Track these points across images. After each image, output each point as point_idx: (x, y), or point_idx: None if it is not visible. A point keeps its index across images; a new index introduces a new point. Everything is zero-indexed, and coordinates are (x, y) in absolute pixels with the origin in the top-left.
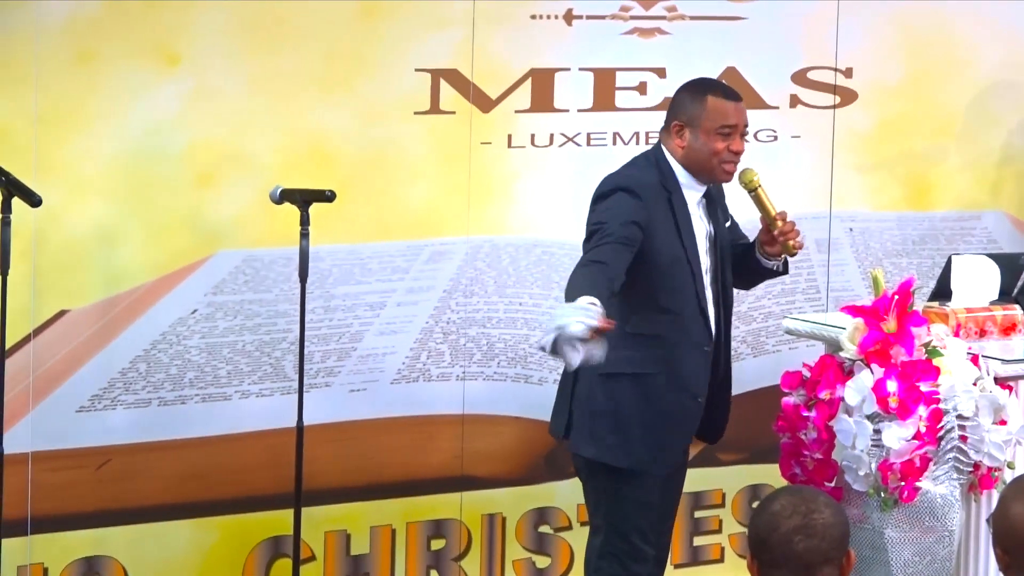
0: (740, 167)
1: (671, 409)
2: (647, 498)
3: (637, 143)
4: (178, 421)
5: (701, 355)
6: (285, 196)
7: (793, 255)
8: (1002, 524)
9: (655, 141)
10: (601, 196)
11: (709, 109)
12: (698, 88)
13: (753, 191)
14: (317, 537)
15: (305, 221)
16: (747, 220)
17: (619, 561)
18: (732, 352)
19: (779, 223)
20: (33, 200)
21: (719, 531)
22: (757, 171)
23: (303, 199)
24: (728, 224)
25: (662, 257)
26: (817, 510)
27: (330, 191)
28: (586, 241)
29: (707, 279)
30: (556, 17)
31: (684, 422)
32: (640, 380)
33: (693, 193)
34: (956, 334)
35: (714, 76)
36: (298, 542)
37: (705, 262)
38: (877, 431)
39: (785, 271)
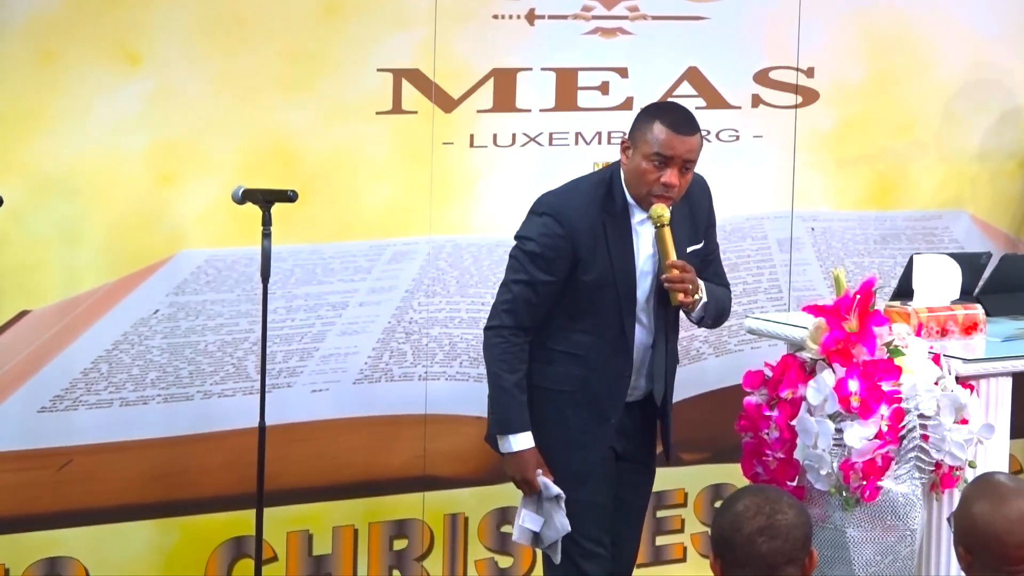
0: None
1: (582, 425)
2: (591, 499)
3: (599, 143)
4: (140, 421)
5: (617, 380)
6: (247, 196)
7: (677, 307)
8: (964, 523)
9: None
10: (534, 212)
11: (650, 133)
12: (652, 111)
13: (659, 227)
14: (279, 537)
15: (267, 221)
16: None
17: (572, 561)
18: (695, 352)
19: (673, 270)
20: None
21: (681, 531)
22: (668, 213)
23: (265, 199)
24: (693, 248)
25: (587, 281)
26: (781, 511)
27: (292, 191)
28: (512, 258)
29: (644, 304)
30: (518, 17)
31: (596, 440)
32: (555, 395)
33: (641, 215)
34: (918, 333)
35: (676, 76)
36: (260, 542)
37: (643, 286)
38: (839, 430)
39: (688, 317)
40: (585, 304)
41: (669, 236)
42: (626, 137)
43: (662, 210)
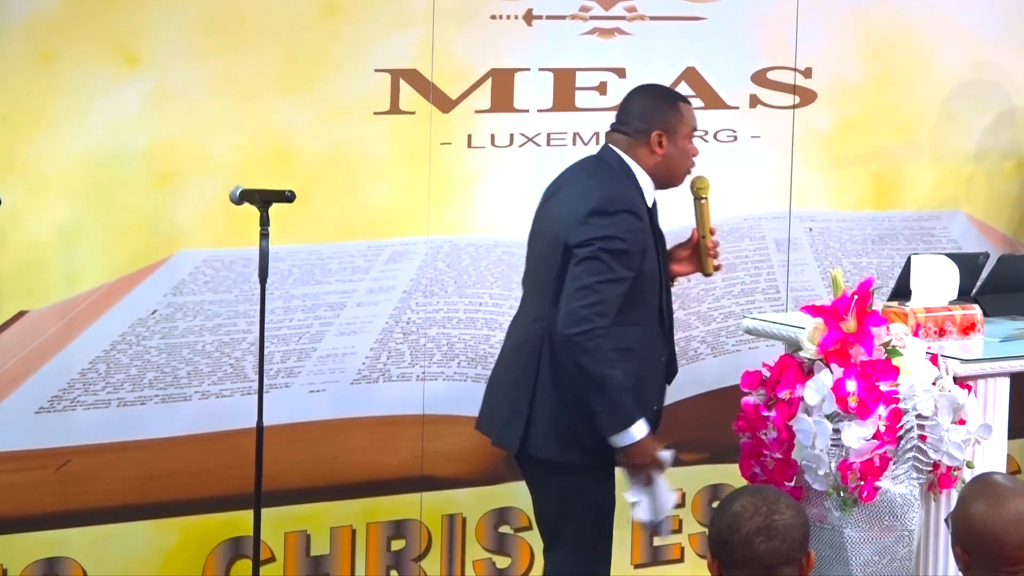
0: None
1: None
2: (607, 500)
3: (597, 143)
4: (138, 422)
5: (659, 366)
6: (245, 196)
7: (709, 275)
8: (962, 523)
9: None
10: (607, 212)
11: (683, 115)
12: (667, 96)
13: (703, 199)
14: (277, 538)
15: (265, 221)
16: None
17: (588, 569)
18: (693, 352)
19: (713, 236)
20: None
21: (679, 531)
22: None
23: (263, 199)
24: None
25: (645, 271)
26: (778, 511)
27: (290, 191)
28: (594, 259)
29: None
30: (516, 17)
31: None
32: None
33: (650, 199)
34: (915, 334)
35: (674, 76)
36: (258, 543)
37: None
38: (837, 431)
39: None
40: (638, 295)
41: (708, 204)
42: (656, 129)
43: (706, 181)
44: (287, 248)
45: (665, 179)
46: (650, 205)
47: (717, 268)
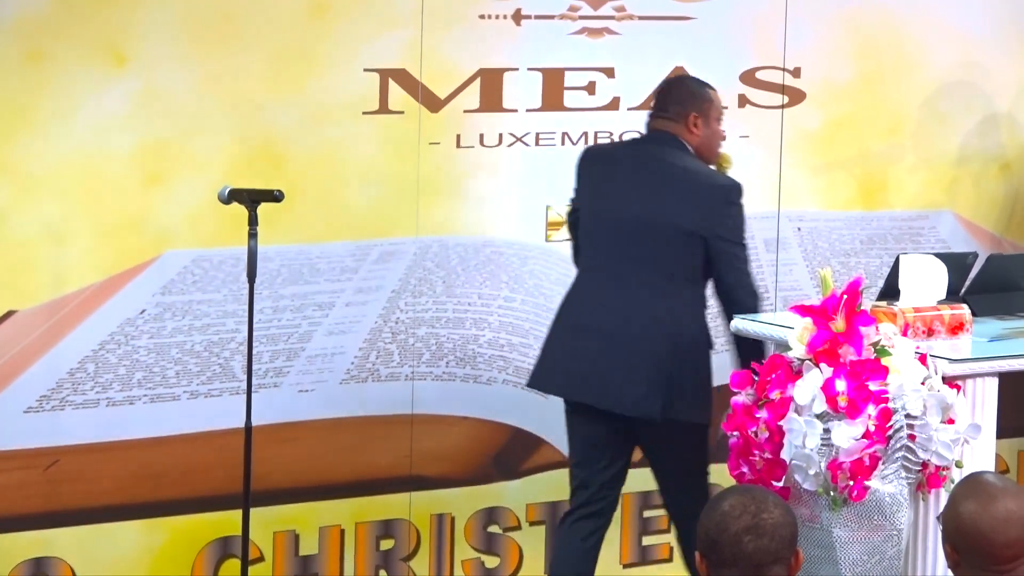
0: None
1: None
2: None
3: (586, 142)
4: (127, 422)
5: None
6: (233, 196)
7: None
8: (952, 522)
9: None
10: (735, 202)
11: (714, 100)
12: (698, 84)
13: (725, 172)
14: (266, 537)
15: (253, 221)
16: None
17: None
18: None
19: None
20: None
21: (668, 530)
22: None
23: (251, 199)
24: None
25: None
26: (766, 510)
27: (278, 191)
28: (739, 245)
29: None
30: (505, 17)
31: None
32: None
33: None
34: (904, 333)
35: (663, 76)
36: (247, 542)
37: None
38: (827, 430)
39: None
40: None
41: None
42: (692, 112)
43: (730, 158)
44: (276, 248)
45: (702, 157)
46: None
47: None
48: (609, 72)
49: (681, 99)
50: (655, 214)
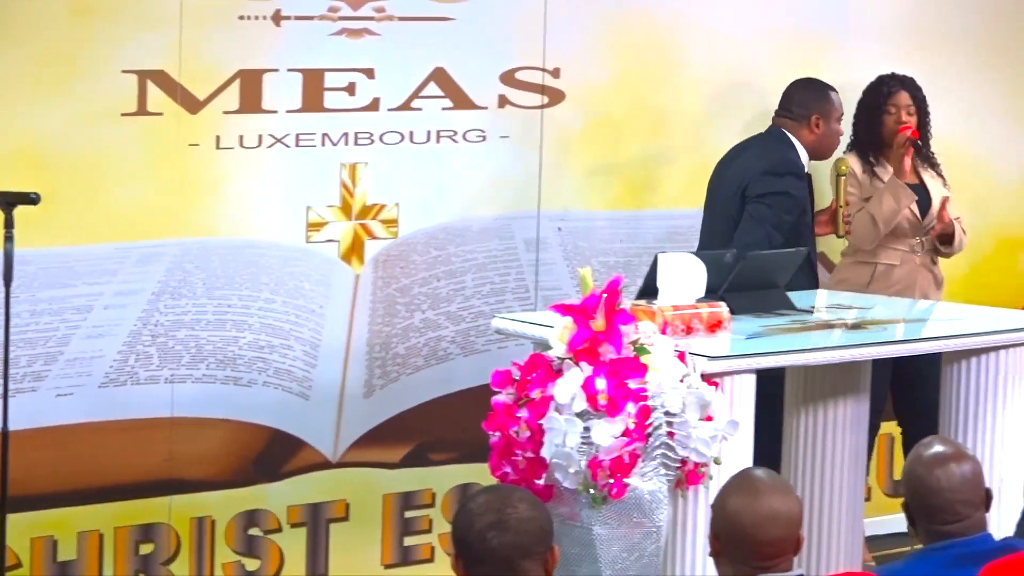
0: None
1: None
2: None
3: (347, 144)
4: None
5: None
6: None
7: (840, 236)
8: (719, 513)
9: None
10: (776, 174)
11: (834, 103)
12: (821, 86)
13: (843, 176)
14: (23, 544)
15: (9, 224)
16: None
17: None
18: (442, 352)
19: (848, 208)
20: None
21: (429, 531)
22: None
23: (6, 201)
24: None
25: (804, 223)
26: (511, 506)
27: (34, 193)
28: (763, 199)
29: None
30: (264, 18)
31: None
32: None
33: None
34: (663, 331)
35: (423, 76)
36: (3, 549)
37: None
38: (587, 429)
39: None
40: (798, 240)
41: (846, 183)
42: (814, 114)
43: (848, 163)
44: (33, 251)
45: (818, 154)
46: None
47: (847, 233)
48: (369, 73)
49: (804, 101)
50: (720, 190)
